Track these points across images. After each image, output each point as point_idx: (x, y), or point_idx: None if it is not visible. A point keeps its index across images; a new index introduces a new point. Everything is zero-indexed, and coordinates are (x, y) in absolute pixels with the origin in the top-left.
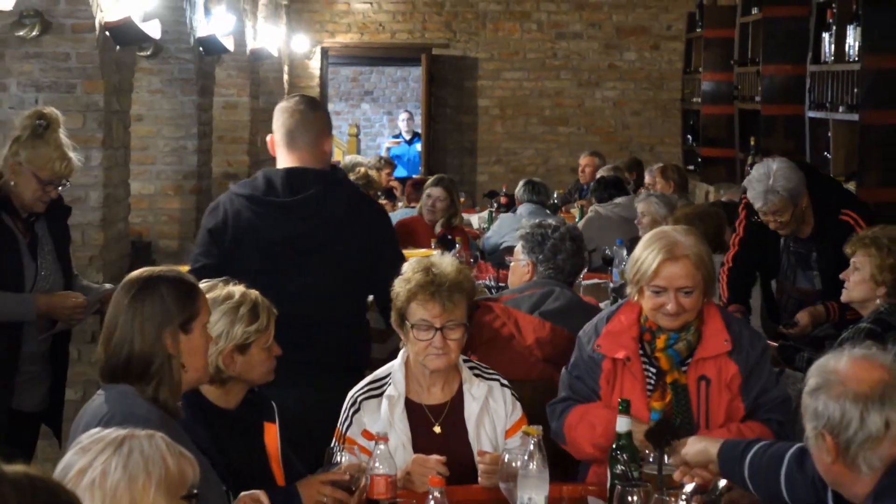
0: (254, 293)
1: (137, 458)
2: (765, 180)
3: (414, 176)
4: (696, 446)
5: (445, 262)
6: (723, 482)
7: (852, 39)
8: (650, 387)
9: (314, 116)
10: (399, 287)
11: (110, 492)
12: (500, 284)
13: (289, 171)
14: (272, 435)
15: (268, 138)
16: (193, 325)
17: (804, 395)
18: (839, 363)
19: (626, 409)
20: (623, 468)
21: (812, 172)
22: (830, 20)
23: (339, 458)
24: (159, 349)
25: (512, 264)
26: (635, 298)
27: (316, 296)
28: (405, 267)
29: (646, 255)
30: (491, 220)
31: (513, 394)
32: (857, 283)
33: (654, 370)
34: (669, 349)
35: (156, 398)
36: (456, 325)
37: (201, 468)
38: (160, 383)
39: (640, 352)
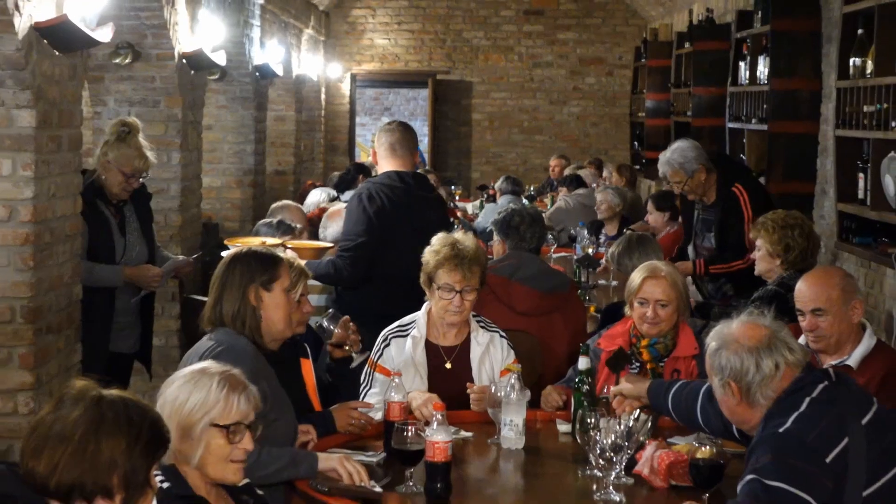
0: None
1: (199, 381)
2: (666, 153)
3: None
4: (630, 383)
5: (468, 240)
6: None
7: (762, 67)
8: (634, 372)
9: (409, 136)
10: (429, 256)
11: (176, 413)
12: (489, 257)
13: (414, 174)
14: (308, 369)
15: (370, 151)
16: (274, 286)
17: (708, 357)
18: (731, 327)
19: (585, 351)
20: (583, 397)
21: (723, 158)
22: (745, 52)
23: (370, 382)
24: (244, 304)
25: (491, 244)
26: (628, 313)
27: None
28: (434, 240)
29: (635, 275)
30: (482, 207)
31: (508, 343)
32: (760, 258)
33: (638, 363)
34: (651, 348)
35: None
36: (471, 289)
37: (277, 395)
38: (245, 326)
39: (629, 350)
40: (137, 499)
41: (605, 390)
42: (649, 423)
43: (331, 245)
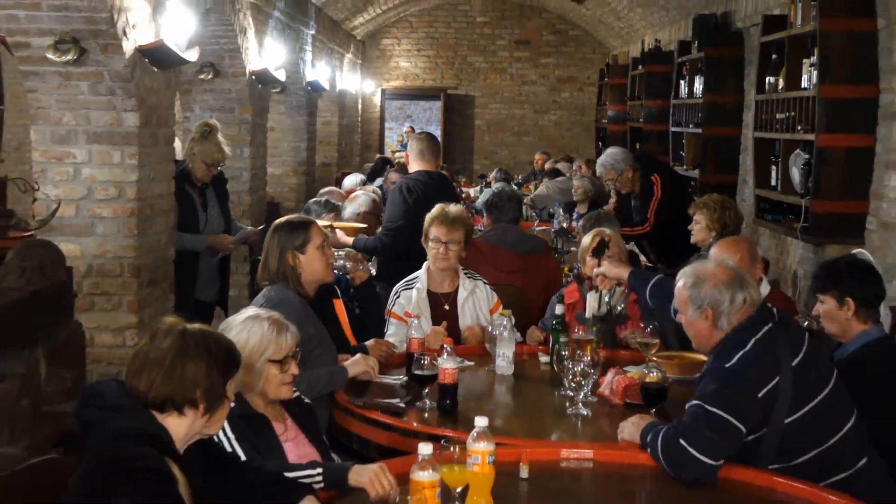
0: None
1: (257, 322)
2: (601, 157)
3: None
4: (614, 267)
5: (454, 208)
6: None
7: (698, 84)
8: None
9: (434, 144)
10: (427, 218)
11: (244, 342)
12: (479, 228)
13: (438, 173)
14: (340, 307)
15: (404, 155)
16: (307, 247)
17: (684, 290)
18: (706, 267)
19: (560, 300)
20: (558, 335)
21: (645, 157)
22: (685, 73)
23: (387, 326)
24: (283, 263)
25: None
26: (572, 271)
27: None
28: (435, 209)
29: (587, 237)
30: (481, 191)
31: (490, 288)
32: (698, 231)
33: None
34: (607, 296)
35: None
36: (454, 242)
37: (321, 334)
38: (289, 282)
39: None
40: (216, 409)
41: (577, 330)
42: (624, 296)
43: (364, 225)
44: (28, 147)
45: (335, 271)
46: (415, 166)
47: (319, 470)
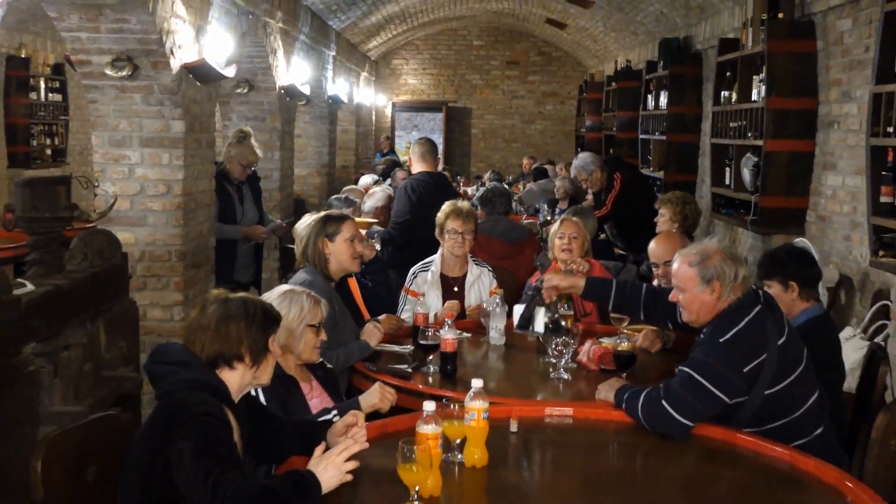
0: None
1: (293, 296)
2: (574, 160)
3: None
4: (567, 279)
5: (464, 203)
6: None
7: (663, 98)
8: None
9: (433, 148)
10: (440, 214)
11: (286, 310)
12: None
13: (439, 173)
14: (353, 284)
15: (408, 157)
16: (336, 238)
17: (690, 268)
18: (707, 246)
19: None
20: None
21: (612, 159)
22: (651, 88)
23: (405, 302)
24: (315, 249)
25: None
26: (551, 254)
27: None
28: (444, 205)
29: (557, 224)
30: (478, 189)
31: (493, 275)
32: (663, 222)
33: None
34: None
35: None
36: (468, 232)
37: (342, 310)
38: (318, 265)
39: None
40: (261, 361)
41: (562, 304)
42: (572, 308)
43: (374, 220)
44: (90, 151)
45: None
46: (417, 168)
47: (335, 412)
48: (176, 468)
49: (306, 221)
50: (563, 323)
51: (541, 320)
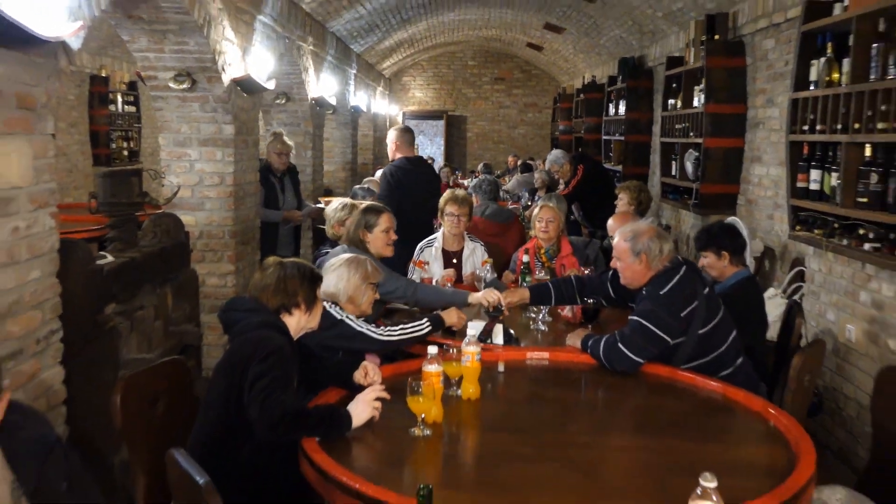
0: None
1: (356, 263)
2: (548, 156)
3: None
4: (516, 294)
5: (461, 192)
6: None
7: (623, 106)
8: (539, 265)
9: (409, 135)
10: (441, 201)
11: (350, 281)
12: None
13: (417, 158)
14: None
15: (391, 144)
16: (374, 229)
17: (624, 242)
18: (640, 225)
19: (526, 252)
20: (525, 276)
21: (578, 155)
22: (612, 98)
23: (413, 271)
24: (357, 234)
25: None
26: (532, 233)
27: (429, 212)
28: (447, 193)
29: (536, 209)
30: (472, 181)
31: (484, 249)
32: (622, 205)
33: (540, 262)
34: (547, 252)
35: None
36: (463, 215)
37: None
38: (358, 248)
39: (537, 256)
40: (313, 308)
41: (536, 272)
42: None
43: None
44: (158, 151)
45: None
46: (397, 154)
47: (427, 320)
48: (244, 389)
49: (334, 205)
50: (513, 333)
51: (499, 333)
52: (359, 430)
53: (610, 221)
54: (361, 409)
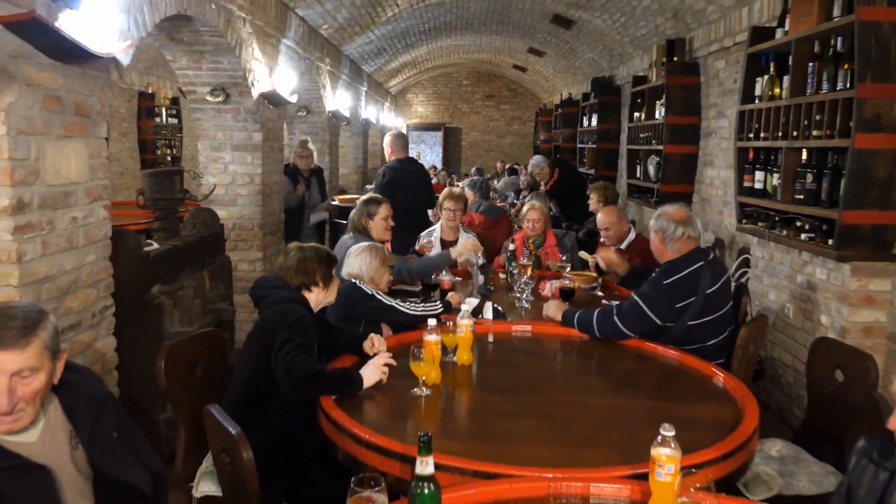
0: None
1: (376, 249)
2: (530, 160)
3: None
4: (557, 312)
5: (458, 190)
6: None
7: (595, 119)
8: (527, 253)
9: (402, 139)
10: (441, 197)
11: (370, 264)
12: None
13: (409, 158)
14: (387, 247)
15: (387, 147)
16: (375, 217)
17: (654, 221)
18: (668, 209)
19: (512, 241)
20: (510, 261)
21: (556, 160)
22: (585, 112)
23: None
24: (360, 223)
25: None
26: (517, 227)
27: (419, 204)
28: (444, 191)
29: (525, 208)
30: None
31: (475, 237)
32: (593, 203)
33: (528, 251)
34: (534, 241)
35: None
36: (459, 210)
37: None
38: (362, 234)
39: (524, 245)
40: (330, 285)
41: (521, 259)
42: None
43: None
44: (197, 156)
45: None
46: (392, 156)
47: (438, 301)
48: (272, 353)
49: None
50: (501, 309)
51: (489, 309)
52: (368, 391)
53: (599, 215)
54: (371, 373)
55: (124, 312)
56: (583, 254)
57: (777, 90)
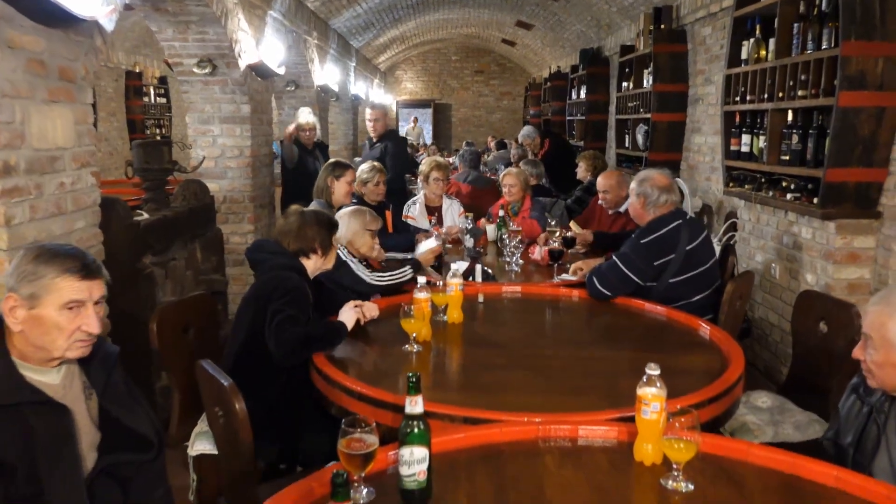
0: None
1: (358, 212)
2: (521, 132)
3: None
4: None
5: (441, 159)
6: None
7: (584, 91)
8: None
9: (386, 110)
10: (424, 166)
11: (351, 228)
12: (459, 173)
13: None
14: (388, 214)
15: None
16: (341, 179)
17: (634, 185)
18: (651, 173)
19: (502, 208)
20: (500, 227)
21: (546, 130)
22: (574, 84)
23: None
24: (324, 182)
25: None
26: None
27: (396, 171)
28: (429, 160)
29: (501, 174)
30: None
31: (460, 204)
32: (581, 171)
33: (508, 217)
34: (511, 207)
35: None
36: (443, 179)
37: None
38: (324, 196)
39: (505, 212)
40: (328, 252)
41: (511, 224)
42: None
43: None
44: (187, 136)
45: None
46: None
47: (408, 266)
48: (265, 320)
49: (363, 167)
50: (490, 272)
51: (478, 272)
52: (359, 348)
53: (600, 178)
54: (349, 315)
55: (116, 281)
56: (572, 224)
57: (763, 52)
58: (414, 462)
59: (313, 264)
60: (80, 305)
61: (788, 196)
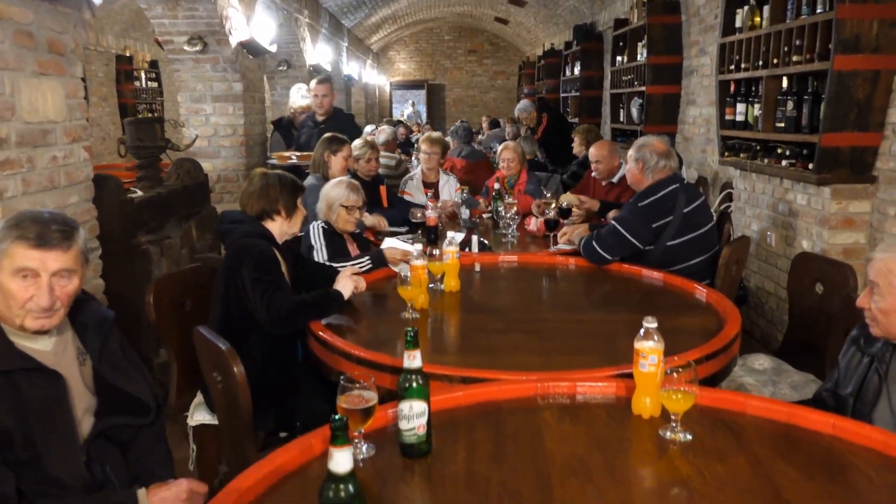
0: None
1: (339, 182)
2: (517, 105)
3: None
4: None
5: (435, 135)
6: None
7: (577, 67)
8: (506, 192)
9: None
10: (420, 140)
11: (327, 198)
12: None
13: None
14: (383, 189)
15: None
16: (337, 155)
17: (632, 150)
18: (650, 140)
19: (497, 181)
20: (496, 199)
21: (543, 105)
22: (568, 61)
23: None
24: (321, 158)
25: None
26: (500, 165)
27: None
28: (423, 135)
29: (499, 148)
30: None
31: (456, 179)
32: (576, 146)
33: (504, 191)
34: (508, 181)
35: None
36: (435, 153)
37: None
38: (321, 170)
39: (502, 185)
40: (293, 215)
41: (506, 197)
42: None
43: (386, 150)
44: (181, 121)
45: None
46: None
47: (367, 257)
48: (242, 291)
49: (357, 142)
50: (487, 242)
51: (475, 242)
52: (357, 315)
53: (592, 148)
54: (345, 284)
55: (111, 257)
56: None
57: (757, 20)
58: (413, 416)
59: (279, 227)
60: (33, 275)
61: (784, 163)
